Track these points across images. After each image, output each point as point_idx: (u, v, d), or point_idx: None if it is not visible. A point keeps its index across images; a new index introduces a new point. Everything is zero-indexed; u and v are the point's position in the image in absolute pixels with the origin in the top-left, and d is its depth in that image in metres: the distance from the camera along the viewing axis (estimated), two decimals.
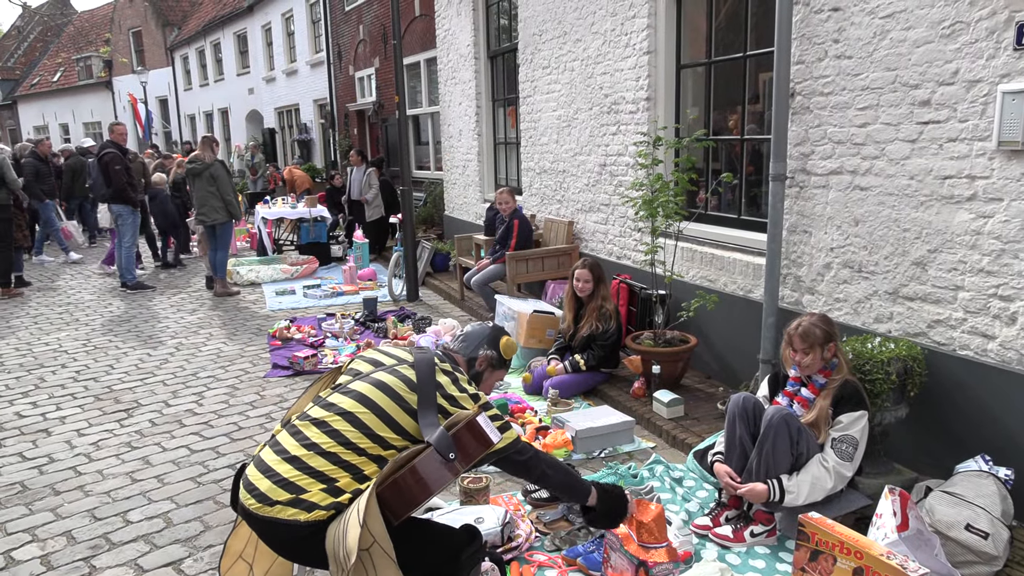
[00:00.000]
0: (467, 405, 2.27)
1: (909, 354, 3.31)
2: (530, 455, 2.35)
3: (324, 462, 2.08)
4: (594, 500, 2.46)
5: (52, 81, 34.51)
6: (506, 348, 2.67)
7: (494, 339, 2.66)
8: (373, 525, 1.94)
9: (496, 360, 2.65)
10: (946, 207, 3.33)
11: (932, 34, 3.30)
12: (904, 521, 2.62)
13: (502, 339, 2.67)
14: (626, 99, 5.71)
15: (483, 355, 2.62)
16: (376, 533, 1.95)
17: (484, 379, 2.65)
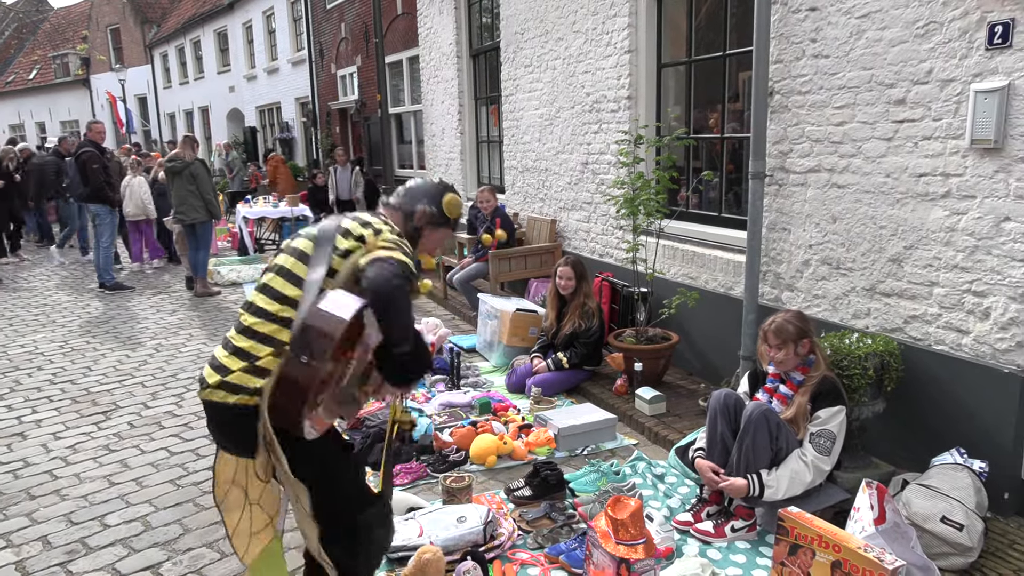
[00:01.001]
0: (358, 254, 2.14)
1: (886, 349, 3.35)
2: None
3: (245, 339, 2.10)
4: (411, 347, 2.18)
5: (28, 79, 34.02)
6: (449, 205, 2.49)
7: (436, 195, 2.48)
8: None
9: (437, 217, 2.47)
10: (921, 204, 3.37)
11: (907, 34, 3.34)
12: (881, 514, 2.66)
13: (445, 196, 2.49)
14: (608, 98, 5.72)
15: (421, 210, 2.45)
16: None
17: (424, 237, 2.49)
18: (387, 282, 2.03)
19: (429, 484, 3.71)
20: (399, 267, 2.09)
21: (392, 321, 2.07)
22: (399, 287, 2.04)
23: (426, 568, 2.69)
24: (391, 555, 2.96)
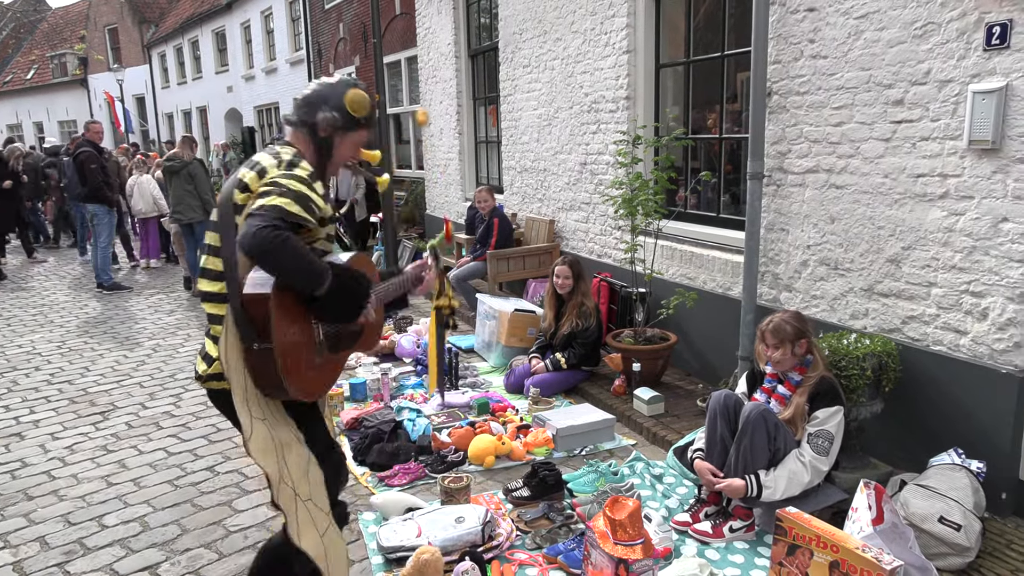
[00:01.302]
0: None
1: (884, 350, 3.35)
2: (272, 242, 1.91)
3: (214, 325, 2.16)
4: (324, 289, 2.05)
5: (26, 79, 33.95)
6: (353, 103, 2.23)
7: (337, 96, 2.23)
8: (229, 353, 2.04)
9: (342, 121, 2.23)
10: (919, 205, 3.37)
11: (905, 34, 3.35)
12: (879, 514, 2.66)
13: (347, 94, 2.22)
14: (606, 98, 5.72)
15: (323, 117, 2.21)
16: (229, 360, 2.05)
17: (336, 147, 2.27)
18: (254, 238, 1.90)
19: (427, 484, 3.71)
20: (269, 214, 1.94)
21: (285, 273, 1.97)
22: (269, 237, 1.89)
23: (424, 568, 2.69)
24: (389, 555, 2.96)
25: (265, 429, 2.11)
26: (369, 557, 3.04)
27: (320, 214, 2.12)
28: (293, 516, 2.13)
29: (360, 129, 2.30)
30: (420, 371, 5.36)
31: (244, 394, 2.09)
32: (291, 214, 2.00)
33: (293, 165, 2.14)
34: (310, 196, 2.07)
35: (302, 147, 2.24)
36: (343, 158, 2.33)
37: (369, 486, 3.70)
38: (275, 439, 2.13)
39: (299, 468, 2.18)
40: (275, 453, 2.12)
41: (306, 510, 2.17)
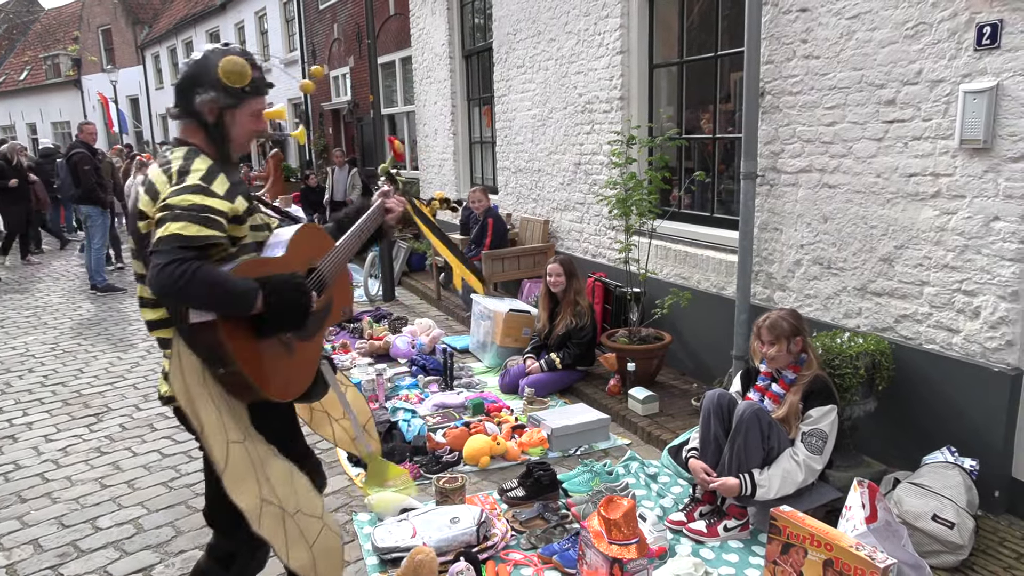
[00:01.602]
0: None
1: (877, 348, 3.37)
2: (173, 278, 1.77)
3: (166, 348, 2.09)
4: (260, 305, 1.90)
5: (19, 80, 33.83)
6: (229, 74, 1.99)
7: (208, 72, 2.00)
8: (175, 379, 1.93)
9: (223, 98, 2.02)
10: (911, 204, 3.39)
11: (896, 35, 3.36)
12: (873, 513, 2.67)
13: (219, 65, 1.99)
14: (600, 98, 5.73)
15: (201, 101, 2.01)
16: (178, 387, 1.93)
17: (230, 127, 2.07)
18: (157, 279, 1.78)
19: (422, 485, 3.71)
20: (167, 247, 1.79)
21: (204, 306, 1.84)
22: (175, 275, 1.76)
23: (419, 569, 2.69)
24: (384, 556, 2.96)
25: (243, 451, 1.98)
26: (364, 558, 3.04)
27: (230, 214, 1.95)
28: (281, 538, 2.00)
29: (249, 99, 2.07)
30: (414, 372, 5.36)
31: (219, 420, 1.95)
32: (190, 239, 1.82)
33: (184, 172, 1.94)
34: (208, 205, 1.88)
35: (196, 139, 2.06)
36: (245, 135, 2.12)
37: (364, 487, 3.69)
38: (254, 458, 2.01)
39: (284, 480, 2.08)
40: (255, 474, 1.99)
41: (295, 524, 2.05)
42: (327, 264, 2.22)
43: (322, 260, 2.21)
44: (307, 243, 2.18)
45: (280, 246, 2.10)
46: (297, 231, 2.14)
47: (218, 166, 2.02)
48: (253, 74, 2.06)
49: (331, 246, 2.26)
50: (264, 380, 1.96)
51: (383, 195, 2.49)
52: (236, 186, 2.04)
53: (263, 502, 1.97)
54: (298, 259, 2.12)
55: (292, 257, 2.09)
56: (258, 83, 2.09)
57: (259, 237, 2.12)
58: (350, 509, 3.49)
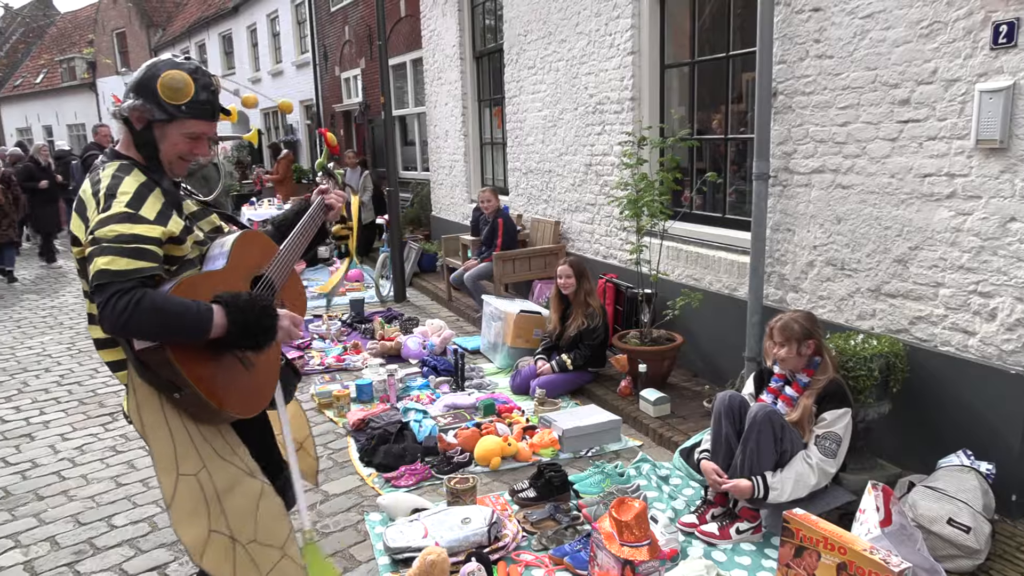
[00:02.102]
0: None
1: (891, 350, 3.34)
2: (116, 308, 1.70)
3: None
4: (221, 329, 1.83)
5: (35, 83, 34.16)
6: (166, 88, 1.88)
7: (149, 80, 1.90)
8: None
9: (156, 110, 1.89)
10: (926, 205, 3.36)
11: (911, 34, 3.33)
12: (887, 516, 2.65)
13: (161, 76, 1.88)
14: (611, 99, 5.72)
15: (129, 106, 1.90)
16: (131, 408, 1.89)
17: (160, 141, 1.94)
18: (104, 317, 1.72)
19: (434, 485, 3.71)
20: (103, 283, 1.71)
21: (157, 337, 1.77)
22: (118, 309, 1.69)
23: (431, 569, 2.69)
24: (396, 556, 2.97)
25: (196, 486, 1.91)
26: (376, 558, 3.05)
27: (163, 238, 1.84)
28: (228, 570, 1.92)
29: (184, 119, 1.93)
30: (425, 372, 5.37)
31: (171, 453, 1.89)
32: (118, 273, 1.72)
33: (111, 196, 1.81)
34: (137, 234, 1.77)
35: (131, 151, 1.96)
36: (173, 153, 1.97)
37: (375, 487, 3.70)
38: (208, 491, 1.93)
39: (245, 508, 2.01)
40: (206, 511, 1.91)
41: (246, 554, 1.97)
42: (274, 270, 2.15)
43: (268, 266, 2.13)
44: (249, 250, 2.10)
45: (221, 257, 2.00)
46: (236, 239, 2.05)
47: (149, 184, 1.90)
48: (198, 95, 1.94)
49: (274, 251, 2.18)
50: (222, 399, 1.90)
51: (322, 192, 2.39)
52: (170, 205, 1.93)
53: (211, 533, 1.91)
54: (242, 268, 2.04)
55: (235, 267, 2.00)
56: (199, 105, 1.95)
57: (202, 249, 2.04)
58: (362, 509, 3.50)
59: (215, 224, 2.19)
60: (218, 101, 2.03)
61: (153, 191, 1.90)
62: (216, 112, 2.02)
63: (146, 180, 1.91)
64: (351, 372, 5.60)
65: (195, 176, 8.18)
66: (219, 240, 2.07)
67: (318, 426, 4.57)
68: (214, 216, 2.21)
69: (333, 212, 2.38)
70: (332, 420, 4.64)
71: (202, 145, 2.02)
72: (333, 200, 2.38)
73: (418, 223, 11.24)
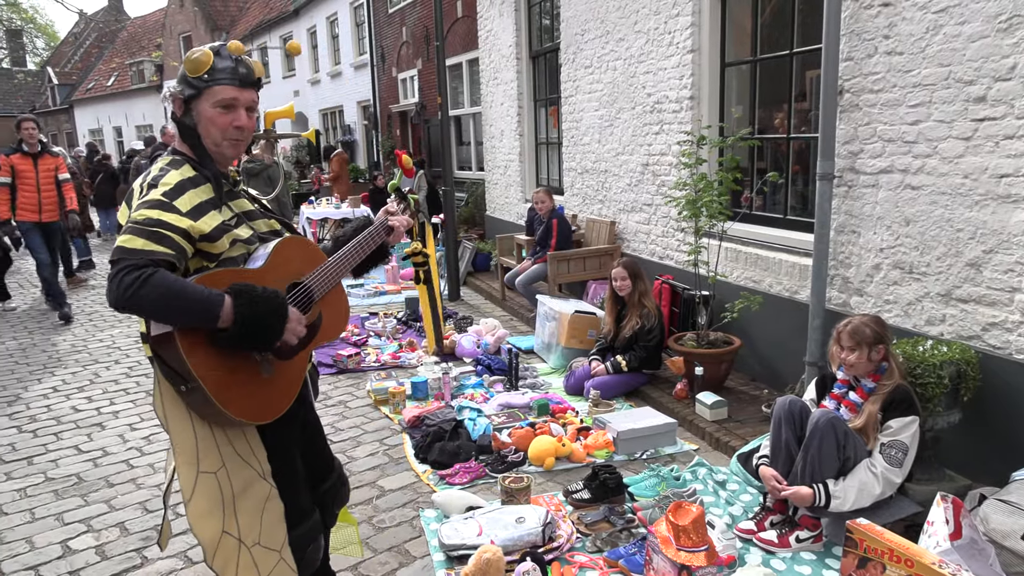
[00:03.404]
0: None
1: (963, 357, 3.22)
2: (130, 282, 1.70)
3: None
4: (228, 319, 1.79)
5: (106, 85, 35.61)
6: (188, 60, 1.93)
7: (180, 70, 1.97)
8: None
9: (185, 88, 1.95)
10: (1002, 207, 3.22)
11: (988, 28, 3.20)
12: (957, 529, 2.56)
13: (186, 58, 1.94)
14: (669, 98, 5.66)
15: (170, 94, 1.98)
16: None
17: (198, 124, 1.96)
18: (109, 291, 1.73)
19: (487, 484, 3.73)
20: (116, 259, 1.74)
21: (160, 317, 1.76)
22: (125, 284, 1.69)
23: (487, 568, 2.71)
24: (450, 553, 2.99)
25: (215, 484, 1.93)
26: (431, 554, 3.08)
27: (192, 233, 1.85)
28: (232, 571, 1.95)
29: (209, 87, 1.93)
30: (480, 371, 5.40)
31: (193, 448, 1.90)
32: (133, 252, 1.74)
33: (153, 185, 1.87)
34: (163, 220, 1.80)
35: (183, 146, 2.00)
36: (214, 130, 1.96)
37: (430, 484, 3.74)
38: (225, 492, 1.95)
39: (253, 510, 2.02)
40: (221, 511, 1.94)
41: (249, 556, 1.99)
42: (315, 279, 2.09)
43: (310, 275, 2.08)
44: (292, 256, 2.06)
45: (261, 258, 1.98)
46: (280, 242, 2.02)
47: (196, 179, 1.93)
48: (218, 63, 1.93)
49: (320, 261, 2.14)
50: (229, 400, 1.84)
51: (388, 213, 2.36)
52: (214, 201, 1.94)
53: (223, 535, 1.94)
54: (279, 272, 2.00)
55: (273, 268, 1.97)
56: (221, 72, 1.93)
57: (245, 249, 2.01)
58: (417, 505, 3.54)
59: (274, 227, 2.17)
60: (245, 68, 1.98)
61: (198, 186, 1.92)
62: (245, 78, 1.97)
63: (194, 175, 1.93)
64: (406, 369, 5.67)
65: (260, 177, 8.38)
66: (267, 242, 2.06)
67: (374, 422, 4.65)
68: (275, 221, 2.19)
69: (395, 235, 2.35)
70: (388, 417, 4.70)
71: (239, 115, 1.98)
72: (395, 222, 2.34)
73: (472, 223, 11.32)
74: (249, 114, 2.00)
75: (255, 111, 2.04)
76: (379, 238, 2.31)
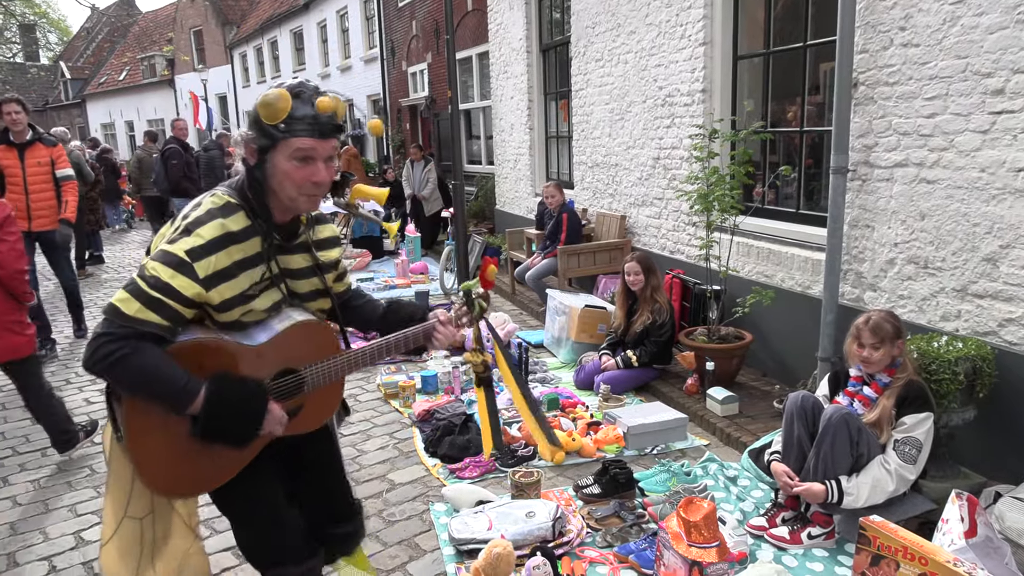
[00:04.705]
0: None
1: (978, 353, 3.18)
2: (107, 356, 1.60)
3: None
4: (199, 408, 1.68)
5: (118, 80, 35.75)
6: (263, 106, 1.70)
7: (254, 110, 1.73)
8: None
9: (255, 134, 1.75)
10: (1020, 201, 3.18)
11: (1007, 19, 3.15)
12: (972, 527, 2.53)
13: (259, 99, 1.71)
14: (681, 91, 5.62)
15: (243, 138, 1.80)
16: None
17: (270, 176, 1.77)
18: (87, 354, 1.62)
19: (497, 478, 3.73)
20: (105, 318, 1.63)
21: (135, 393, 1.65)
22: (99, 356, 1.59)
23: (497, 562, 2.70)
24: (460, 547, 2.99)
25: (137, 531, 1.84)
26: (441, 548, 3.08)
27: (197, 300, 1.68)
28: None
29: (286, 139, 1.72)
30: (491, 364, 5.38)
31: (126, 494, 1.82)
32: (126, 317, 1.61)
33: (187, 231, 1.70)
34: (169, 285, 1.64)
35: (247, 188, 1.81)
36: (292, 186, 1.76)
37: (440, 478, 3.74)
38: (147, 538, 1.87)
39: (171, 559, 1.94)
40: (136, 560, 1.84)
41: None
42: (315, 372, 1.90)
43: (311, 364, 1.89)
44: (302, 342, 1.88)
45: (266, 333, 1.81)
46: (293, 325, 1.85)
47: (239, 234, 1.75)
48: (298, 109, 1.70)
49: (332, 353, 1.94)
50: (146, 465, 1.71)
51: (439, 321, 2.11)
52: (251, 259, 1.77)
53: None
54: (280, 353, 1.83)
55: (273, 349, 1.81)
56: (299, 120, 1.71)
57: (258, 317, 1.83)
58: (427, 499, 3.54)
59: (317, 287, 1.98)
60: (330, 117, 1.77)
61: (241, 242, 1.75)
62: (326, 127, 1.76)
63: (242, 229, 1.76)
64: (416, 363, 5.67)
65: None
66: (285, 314, 1.88)
67: (383, 415, 4.65)
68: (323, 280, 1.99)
69: (439, 341, 2.10)
70: (398, 410, 4.71)
71: (317, 169, 1.76)
72: (440, 336, 2.08)
73: (482, 217, 11.30)
74: (327, 165, 1.79)
75: (335, 159, 1.83)
76: (418, 341, 2.07)
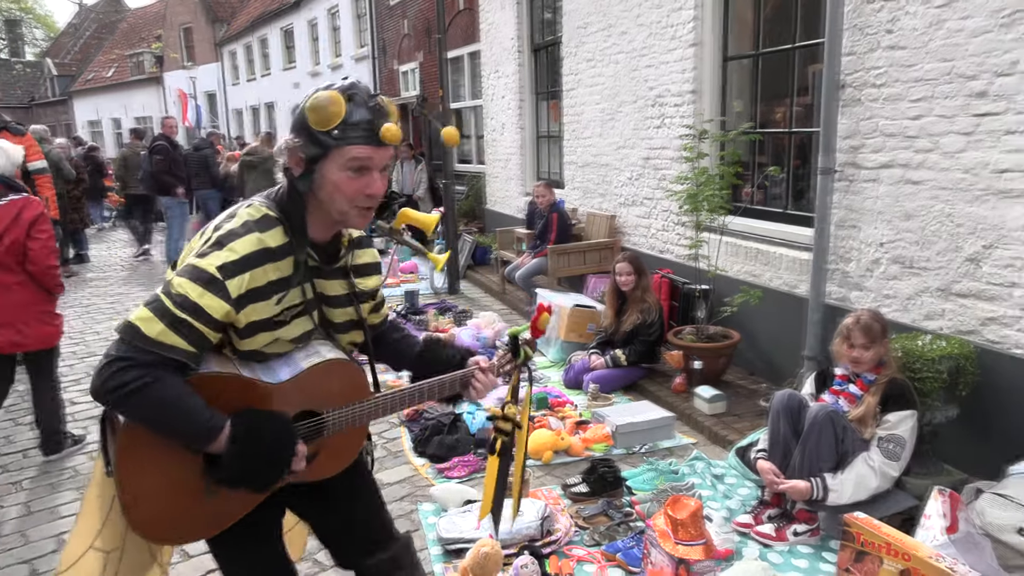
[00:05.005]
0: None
1: (961, 352, 3.22)
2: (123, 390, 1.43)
3: None
4: (221, 446, 1.52)
5: (105, 77, 35.49)
6: (313, 110, 1.53)
7: (299, 114, 1.57)
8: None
9: (303, 142, 1.55)
10: (1002, 202, 3.22)
11: (990, 23, 3.19)
12: (953, 523, 2.56)
13: (308, 103, 1.55)
14: (671, 92, 5.65)
15: (286, 147, 1.59)
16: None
17: (319, 186, 1.58)
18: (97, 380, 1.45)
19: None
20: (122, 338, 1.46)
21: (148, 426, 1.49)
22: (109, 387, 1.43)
23: (485, 561, 2.71)
24: (448, 547, 3.00)
25: (100, 564, 1.67)
26: (428, 548, 3.09)
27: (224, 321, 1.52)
28: None
29: (339, 147, 1.54)
30: None
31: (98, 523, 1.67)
32: (146, 340, 1.44)
33: (219, 244, 1.53)
34: (196, 305, 1.47)
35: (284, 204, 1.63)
36: (344, 199, 1.58)
37: (428, 477, 3.75)
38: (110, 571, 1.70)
39: None
40: None
41: None
42: (339, 417, 1.72)
43: (335, 410, 1.71)
44: (328, 382, 1.70)
45: (289, 370, 1.65)
46: (319, 365, 1.67)
47: (276, 251, 1.57)
48: (353, 114, 1.52)
49: (361, 397, 1.76)
50: (136, 507, 1.53)
51: (479, 367, 1.91)
52: (283, 281, 1.59)
53: None
54: (304, 393, 1.66)
55: (297, 388, 1.64)
56: (355, 127, 1.53)
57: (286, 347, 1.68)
58: (414, 499, 3.55)
59: (352, 318, 1.82)
60: (384, 119, 1.58)
61: (275, 261, 1.57)
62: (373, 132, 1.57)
63: (278, 246, 1.58)
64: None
65: (259, 170, 8.36)
66: (312, 348, 1.71)
67: None
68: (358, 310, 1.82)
69: (473, 394, 1.92)
70: None
71: (372, 180, 1.58)
72: (479, 384, 1.89)
73: (472, 216, 11.30)
74: (383, 175, 1.61)
75: (389, 169, 1.67)
76: (454, 389, 1.90)
